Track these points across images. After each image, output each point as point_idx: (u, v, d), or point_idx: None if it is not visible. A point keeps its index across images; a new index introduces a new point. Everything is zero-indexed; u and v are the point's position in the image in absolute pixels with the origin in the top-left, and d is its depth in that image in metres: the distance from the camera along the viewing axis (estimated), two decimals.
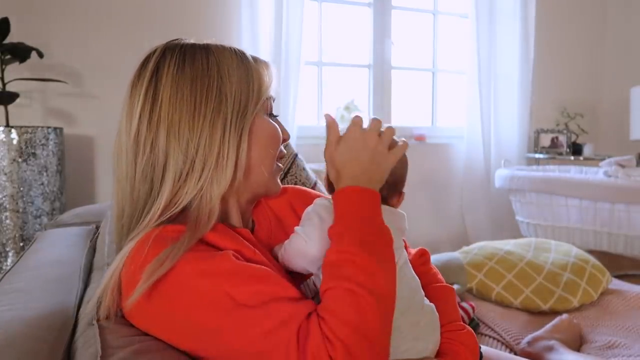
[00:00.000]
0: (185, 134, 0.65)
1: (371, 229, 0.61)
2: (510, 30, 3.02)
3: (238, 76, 0.68)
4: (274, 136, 0.72)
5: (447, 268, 1.58)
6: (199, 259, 0.59)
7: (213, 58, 0.68)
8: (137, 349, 0.58)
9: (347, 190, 0.63)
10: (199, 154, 0.65)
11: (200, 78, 0.66)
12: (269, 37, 2.48)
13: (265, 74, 0.72)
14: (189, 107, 0.65)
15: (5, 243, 1.90)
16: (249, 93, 0.69)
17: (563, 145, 3.12)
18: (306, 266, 0.67)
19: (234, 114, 0.67)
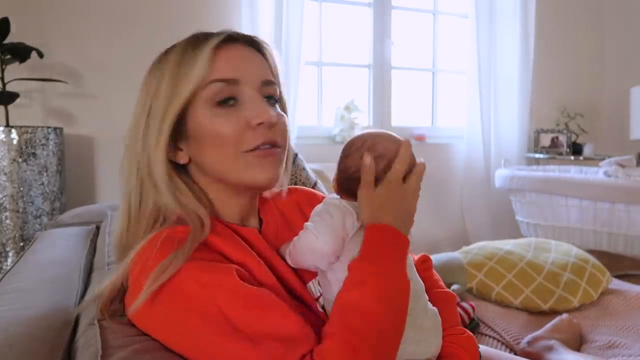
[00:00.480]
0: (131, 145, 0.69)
1: (395, 281, 0.61)
2: (510, 30, 3.02)
3: (169, 76, 0.66)
4: (210, 133, 0.65)
5: (447, 268, 1.58)
6: (200, 270, 0.58)
7: (155, 67, 0.69)
8: (137, 349, 0.59)
9: (384, 229, 0.63)
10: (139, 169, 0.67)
11: (145, 88, 0.68)
12: (269, 37, 2.47)
13: (203, 60, 0.65)
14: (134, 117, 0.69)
15: (5, 243, 1.90)
16: (172, 95, 0.65)
17: (563, 145, 3.12)
18: (315, 262, 0.67)
19: (152, 123, 0.66)
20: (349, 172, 0.70)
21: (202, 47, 0.66)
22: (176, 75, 0.65)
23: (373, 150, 0.68)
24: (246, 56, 0.69)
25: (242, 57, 0.68)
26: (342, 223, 0.66)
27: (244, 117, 0.66)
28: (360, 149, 0.69)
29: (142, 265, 0.60)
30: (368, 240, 0.63)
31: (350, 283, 0.61)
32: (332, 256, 0.65)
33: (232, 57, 0.67)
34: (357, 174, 0.68)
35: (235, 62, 0.67)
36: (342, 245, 0.66)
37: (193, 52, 0.66)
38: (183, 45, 0.68)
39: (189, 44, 0.67)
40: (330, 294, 0.67)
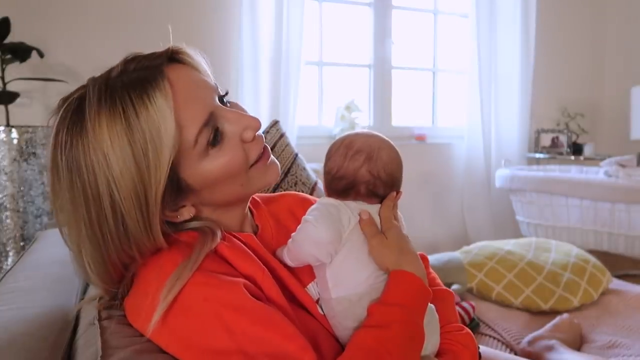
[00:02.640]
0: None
1: (416, 332, 0.62)
2: (510, 30, 3.02)
3: (118, 170, 0.55)
4: (223, 173, 0.62)
5: (447, 268, 1.58)
6: (206, 285, 0.58)
7: (80, 165, 0.56)
8: (137, 349, 0.58)
9: (411, 279, 0.64)
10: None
11: (76, 180, 0.57)
12: (269, 37, 2.47)
13: (168, 126, 0.56)
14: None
15: (6, 243, 1.90)
16: (144, 182, 0.56)
17: (563, 145, 3.12)
18: (315, 252, 0.67)
19: (131, 223, 0.57)
20: (333, 173, 0.72)
21: (153, 110, 0.56)
22: (133, 155, 0.55)
23: (351, 148, 0.72)
24: (190, 81, 0.62)
25: (190, 87, 0.61)
26: (338, 217, 0.67)
27: (237, 139, 0.64)
28: (339, 148, 0.73)
29: (148, 274, 0.60)
30: (395, 287, 0.64)
31: (371, 323, 0.61)
32: (331, 245, 0.66)
33: (186, 94, 0.60)
34: (340, 173, 0.71)
35: (192, 96, 0.61)
36: (340, 238, 0.67)
37: (144, 121, 0.55)
38: (111, 110, 0.55)
39: (123, 106, 0.55)
40: (327, 293, 0.68)
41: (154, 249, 0.61)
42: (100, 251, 0.59)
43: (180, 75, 0.62)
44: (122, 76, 0.58)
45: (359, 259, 0.67)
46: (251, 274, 0.63)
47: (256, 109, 2.47)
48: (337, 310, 0.67)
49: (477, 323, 1.37)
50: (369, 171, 0.71)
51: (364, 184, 0.71)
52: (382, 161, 0.72)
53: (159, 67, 0.60)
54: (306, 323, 0.65)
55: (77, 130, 0.56)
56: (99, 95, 0.56)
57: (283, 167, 1.52)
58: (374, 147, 0.72)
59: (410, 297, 0.63)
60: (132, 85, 0.57)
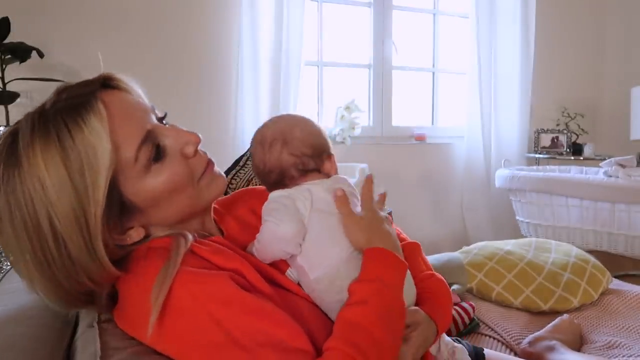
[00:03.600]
0: None
1: (395, 303, 0.64)
2: (510, 30, 3.02)
3: (54, 194, 0.54)
4: (168, 188, 0.63)
5: (447, 268, 1.58)
6: (191, 281, 0.58)
7: (14, 184, 0.55)
8: (136, 351, 0.59)
9: (384, 253, 0.66)
10: None
11: (14, 205, 0.55)
12: (269, 37, 2.48)
13: (104, 147, 0.56)
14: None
15: None
16: (82, 204, 0.55)
17: (563, 145, 3.12)
18: (284, 247, 0.68)
19: (73, 251, 0.56)
20: (261, 170, 0.74)
21: (88, 132, 0.56)
22: (70, 179, 0.55)
23: (265, 141, 0.73)
24: (125, 103, 0.63)
25: (127, 108, 0.62)
26: (294, 206, 0.68)
27: (178, 154, 0.65)
28: (255, 145, 0.75)
29: (133, 284, 0.60)
30: (369, 263, 0.65)
31: (352, 301, 0.62)
32: (298, 237, 0.67)
33: (122, 114, 0.61)
34: (267, 167, 0.73)
35: (127, 117, 0.61)
36: (303, 226, 0.68)
37: (79, 143, 0.55)
38: (45, 138, 0.55)
39: (57, 132, 0.55)
40: (306, 277, 0.69)
41: (105, 274, 0.59)
42: (51, 281, 0.58)
43: (114, 98, 0.62)
44: (55, 105, 0.58)
45: (327, 238, 0.69)
46: (233, 267, 0.63)
47: (256, 109, 2.47)
48: (319, 289, 0.68)
49: (477, 323, 1.37)
50: (291, 154, 0.72)
51: (292, 167, 0.72)
52: (298, 139, 0.73)
53: (92, 93, 0.60)
54: (293, 303, 0.66)
55: (12, 162, 0.56)
56: (32, 125, 0.56)
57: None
58: (285, 130, 0.73)
59: (385, 270, 0.65)
60: (65, 111, 0.57)
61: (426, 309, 0.72)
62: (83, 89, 0.61)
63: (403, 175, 2.92)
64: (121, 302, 0.63)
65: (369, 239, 0.67)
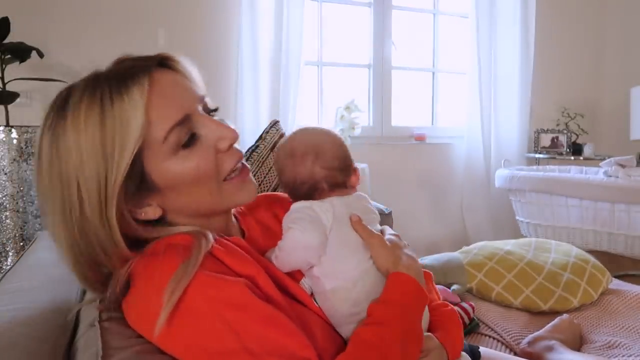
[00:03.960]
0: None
1: (414, 330, 0.64)
2: (510, 30, 3.02)
3: (87, 154, 0.57)
4: (189, 176, 0.63)
5: (447, 268, 1.58)
6: (207, 284, 0.58)
7: (59, 138, 0.59)
8: (138, 350, 0.58)
9: (409, 281, 0.66)
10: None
11: (46, 173, 0.59)
12: (269, 37, 2.48)
13: (136, 120, 0.58)
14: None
15: (6, 243, 1.90)
16: (106, 169, 0.58)
17: (563, 145, 3.12)
18: (305, 256, 0.68)
19: (89, 210, 0.58)
20: (293, 183, 0.74)
21: (127, 103, 0.58)
22: (102, 144, 0.57)
23: (295, 154, 0.73)
24: (174, 85, 0.64)
25: (172, 89, 0.63)
26: (319, 218, 0.69)
27: (211, 146, 0.65)
28: (286, 159, 0.74)
29: (149, 277, 0.59)
30: (393, 287, 0.65)
31: (370, 321, 0.62)
32: (321, 248, 0.67)
33: (164, 94, 0.62)
34: (299, 180, 0.73)
35: (170, 97, 0.62)
36: (326, 238, 0.68)
37: (117, 112, 0.58)
38: (91, 100, 0.59)
39: (102, 97, 0.59)
40: (321, 287, 0.69)
41: (115, 247, 0.61)
42: (71, 244, 0.60)
43: (164, 77, 0.64)
44: (109, 72, 0.62)
45: (347, 250, 0.69)
46: (248, 274, 0.63)
47: (256, 109, 2.47)
48: (334, 300, 0.68)
49: (477, 323, 1.37)
50: (322, 167, 0.72)
51: (323, 180, 0.72)
52: (329, 153, 0.73)
53: (145, 67, 0.62)
54: (304, 316, 0.66)
55: (61, 115, 0.60)
56: (84, 86, 0.61)
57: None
58: (316, 143, 0.74)
59: (408, 297, 0.65)
60: (114, 79, 0.60)
61: (439, 335, 0.71)
62: (138, 62, 0.63)
63: (403, 175, 2.92)
64: (132, 295, 0.62)
65: (396, 262, 0.67)
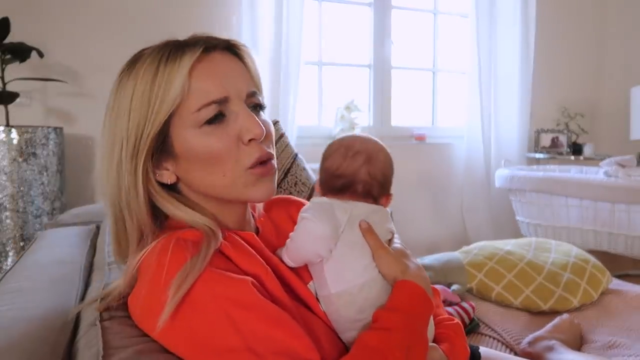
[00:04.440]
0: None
1: (420, 338, 0.63)
2: (510, 30, 3.02)
3: (140, 96, 0.63)
4: (203, 152, 0.65)
5: (447, 268, 1.58)
6: (214, 281, 0.58)
7: (123, 86, 0.66)
8: (139, 350, 0.59)
9: (416, 290, 0.66)
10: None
11: (115, 105, 0.66)
12: (269, 37, 2.48)
13: (179, 82, 0.63)
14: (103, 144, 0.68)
15: (6, 243, 1.90)
16: (146, 118, 0.63)
17: (563, 145, 3.12)
18: (317, 247, 0.68)
19: (126, 146, 0.64)
20: (332, 171, 0.75)
21: (177, 65, 0.63)
22: (149, 96, 0.63)
23: (351, 149, 0.74)
24: (228, 68, 0.67)
25: (224, 71, 0.66)
26: (333, 213, 0.69)
27: (235, 133, 0.65)
28: (339, 148, 0.75)
29: (155, 272, 0.59)
30: (400, 294, 0.65)
31: (376, 327, 0.62)
32: (332, 240, 0.68)
33: (214, 72, 0.65)
34: (339, 172, 0.74)
35: (219, 76, 0.65)
36: (337, 233, 0.68)
37: (167, 70, 0.63)
38: (154, 58, 0.64)
39: (162, 57, 0.64)
40: (326, 290, 0.69)
41: (137, 206, 0.65)
42: (111, 181, 0.66)
43: (222, 58, 0.67)
44: (177, 41, 0.67)
45: (355, 253, 0.69)
46: (255, 273, 0.63)
47: None
48: (339, 304, 0.68)
49: (477, 323, 1.37)
50: (368, 172, 0.73)
51: (361, 184, 0.73)
52: (380, 163, 0.75)
53: (208, 44, 0.66)
54: (308, 320, 0.66)
55: (130, 66, 0.67)
56: (153, 48, 0.66)
57: (283, 167, 1.53)
58: (373, 149, 0.75)
59: (415, 305, 0.65)
60: (177, 45, 0.65)
61: (444, 348, 0.71)
62: (205, 38, 0.67)
63: (403, 175, 2.90)
64: (138, 288, 0.62)
65: (404, 271, 0.67)
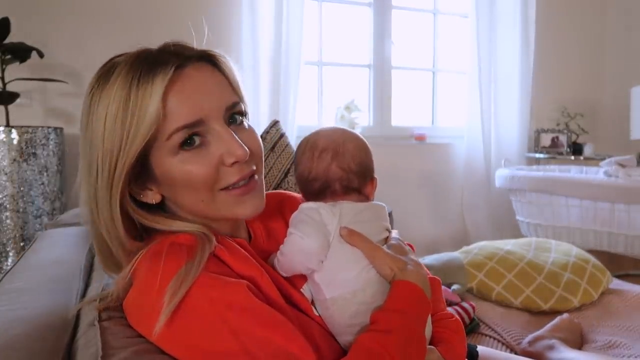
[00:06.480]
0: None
1: (418, 339, 0.62)
2: (510, 30, 3.02)
3: (110, 128, 0.60)
4: (182, 180, 0.63)
5: (447, 268, 1.58)
6: (210, 285, 0.58)
7: (94, 107, 0.63)
8: (138, 350, 0.58)
9: (414, 289, 0.64)
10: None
11: (87, 126, 0.64)
12: (269, 37, 2.48)
13: (153, 108, 0.59)
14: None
15: (6, 243, 1.90)
16: (119, 149, 0.60)
17: (563, 145, 3.12)
18: (306, 262, 0.67)
19: (100, 182, 0.62)
20: (305, 177, 0.72)
21: (149, 89, 0.59)
22: (122, 123, 0.59)
23: (316, 148, 0.72)
24: (203, 85, 0.63)
25: (199, 89, 0.62)
26: (322, 223, 0.67)
27: (215, 157, 0.63)
28: (305, 150, 0.73)
29: (150, 277, 0.59)
30: (398, 295, 0.64)
31: (374, 329, 0.61)
32: (321, 253, 0.66)
33: (188, 92, 0.61)
34: (312, 175, 0.71)
35: (193, 97, 0.61)
36: (327, 243, 0.67)
37: (140, 95, 0.59)
38: (125, 79, 0.60)
39: (132, 79, 0.60)
40: (321, 295, 0.68)
41: (114, 229, 0.63)
42: (89, 206, 0.64)
43: (196, 74, 0.63)
44: (150, 53, 0.63)
45: (347, 258, 0.67)
46: (250, 275, 0.63)
47: (256, 109, 2.47)
48: (333, 309, 0.67)
49: (477, 323, 1.37)
50: (339, 167, 0.71)
51: (337, 181, 0.70)
52: (349, 153, 0.71)
53: (182, 58, 0.63)
54: (304, 323, 0.65)
55: (101, 84, 0.63)
56: (125, 62, 0.62)
57: (283, 167, 1.52)
58: (339, 141, 0.72)
59: (412, 306, 0.64)
60: (149, 62, 0.61)
61: (442, 349, 0.70)
62: (179, 50, 0.64)
63: (403, 175, 2.92)
64: (134, 293, 0.62)
65: (402, 269, 0.66)
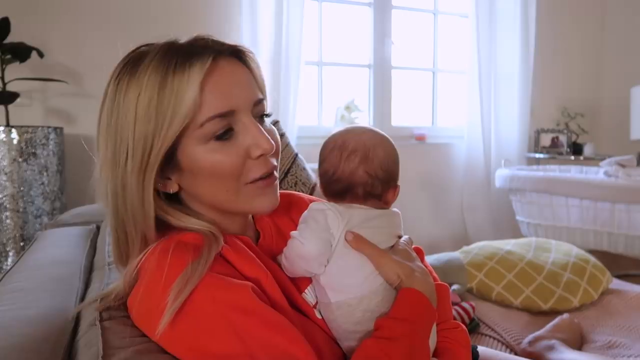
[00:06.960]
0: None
1: (422, 347, 0.62)
2: (510, 30, 3.02)
3: (143, 112, 0.60)
4: (209, 169, 0.63)
5: (447, 268, 1.58)
6: (215, 286, 0.57)
7: (123, 91, 0.62)
8: (139, 350, 0.58)
9: (420, 298, 0.64)
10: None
11: (115, 111, 0.62)
12: (269, 37, 2.48)
13: (191, 96, 0.59)
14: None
15: (6, 243, 1.90)
16: (154, 134, 0.60)
17: (563, 145, 3.12)
18: (306, 267, 0.67)
19: (130, 166, 0.61)
20: (329, 176, 0.70)
21: (186, 77, 0.60)
22: (158, 109, 0.60)
23: (345, 148, 0.69)
24: (236, 78, 0.65)
25: (232, 81, 0.64)
26: (326, 227, 0.66)
27: (243, 149, 0.64)
28: (333, 149, 0.70)
29: (155, 276, 0.59)
30: (404, 303, 0.64)
31: (378, 335, 0.61)
32: (321, 259, 0.65)
33: (223, 83, 0.63)
34: (336, 176, 0.69)
35: (227, 88, 0.63)
36: (329, 247, 0.66)
37: (177, 82, 0.60)
38: (158, 66, 0.61)
39: (168, 66, 0.60)
40: (326, 298, 0.68)
41: (142, 218, 0.62)
42: (113, 190, 0.63)
43: (229, 67, 0.64)
44: (183, 44, 0.63)
45: (354, 264, 0.66)
46: (255, 277, 0.63)
47: None
48: (337, 314, 0.67)
49: (477, 323, 1.37)
50: (366, 172, 0.68)
51: (361, 186, 0.68)
52: (378, 159, 0.69)
53: (215, 51, 0.63)
54: (307, 327, 0.65)
55: (129, 71, 0.62)
56: (156, 52, 0.62)
57: (283, 168, 1.53)
58: (369, 145, 0.69)
59: (418, 315, 0.63)
60: (184, 52, 0.62)
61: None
62: (212, 44, 0.64)
63: (403, 175, 2.86)
64: (138, 290, 0.62)
65: (409, 275, 0.65)
